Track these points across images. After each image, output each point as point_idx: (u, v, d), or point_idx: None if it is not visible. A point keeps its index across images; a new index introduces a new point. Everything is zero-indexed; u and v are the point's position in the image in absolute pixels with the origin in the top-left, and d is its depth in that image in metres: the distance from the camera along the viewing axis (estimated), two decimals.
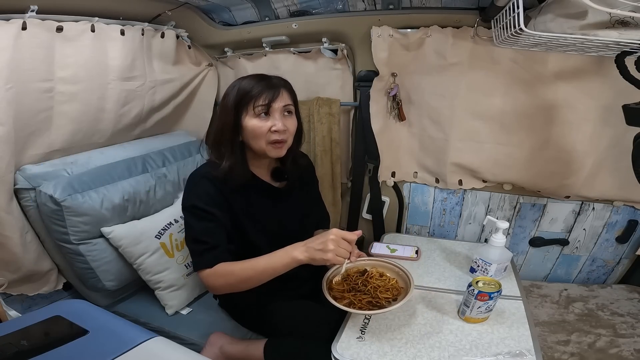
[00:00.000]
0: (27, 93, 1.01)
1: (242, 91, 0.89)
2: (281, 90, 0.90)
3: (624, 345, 1.08)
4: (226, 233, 0.94)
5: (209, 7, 1.40)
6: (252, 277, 0.89)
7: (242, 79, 0.92)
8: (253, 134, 0.90)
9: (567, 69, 1.11)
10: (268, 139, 0.90)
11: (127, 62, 1.23)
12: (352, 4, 1.26)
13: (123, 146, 1.35)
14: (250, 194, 0.98)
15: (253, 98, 0.88)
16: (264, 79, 0.91)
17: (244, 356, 1.03)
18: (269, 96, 0.88)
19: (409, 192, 1.51)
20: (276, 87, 0.90)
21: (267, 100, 0.88)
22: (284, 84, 0.93)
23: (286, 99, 0.92)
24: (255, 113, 0.88)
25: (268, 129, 0.89)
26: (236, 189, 0.94)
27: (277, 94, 0.89)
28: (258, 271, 0.88)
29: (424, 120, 1.35)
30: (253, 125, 0.89)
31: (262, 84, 0.89)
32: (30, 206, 1.09)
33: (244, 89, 0.89)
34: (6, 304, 1.13)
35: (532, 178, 1.29)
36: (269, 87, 0.89)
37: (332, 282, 0.94)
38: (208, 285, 0.92)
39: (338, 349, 0.82)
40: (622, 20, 0.74)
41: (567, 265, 1.43)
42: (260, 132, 0.89)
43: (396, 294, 0.90)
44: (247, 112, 0.89)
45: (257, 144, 0.91)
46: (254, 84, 0.89)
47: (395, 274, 0.96)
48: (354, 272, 0.97)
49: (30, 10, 0.96)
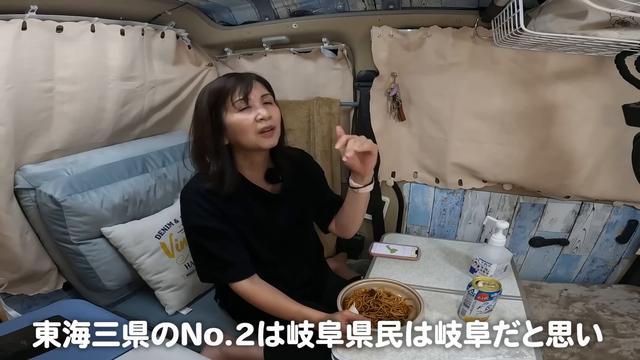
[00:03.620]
0: (27, 93, 1.01)
1: (214, 92, 0.87)
2: (254, 82, 0.88)
3: (624, 345, 1.08)
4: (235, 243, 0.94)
5: (209, 7, 1.40)
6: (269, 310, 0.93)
7: (209, 84, 0.90)
8: (240, 128, 0.86)
9: (567, 69, 1.11)
10: (256, 129, 0.86)
11: (127, 62, 1.23)
12: (352, 4, 1.26)
13: (123, 146, 1.35)
14: (245, 202, 0.96)
15: (229, 93, 0.85)
16: (232, 76, 0.89)
17: (244, 356, 1.03)
18: (243, 88, 0.86)
19: (409, 192, 1.51)
20: (248, 79, 0.88)
21: (243, 92, 0.86)
22: (255, 76, 0.91)
23: (261, 89, 0.90)
24: (236, 107, 0.86)
25: (253, 119, 0.86)
26: (230, 198, 0.91)
27: (250, 85, 0.87)
28: (275, 310, 0.92)
29: (424, 120, 1.35)
30: (237, 119, 0.86)
31: (232, 79, 0.87)
32: (30, 206, 1.09)
33: (216, 88, 0.87)
34: (6, 304, 1.13)
35: (532, 178, 1.29)
36: (240, 80, 0.87)
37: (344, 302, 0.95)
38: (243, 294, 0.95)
39: (338, 350, 0.82)
40: (622, 20, 0.74)
41: (567, 265, 1.43)
42: (246, 124, 0.86)
43: (406, 312, 0.92)
44: (227, 109, 0.86)
45: (246, 137, 0.87)
46: (224, 81, 0.88)
47: (401, 293, 0.98)
48: (362, 292, 0.98)
49: (30, 10, 0.96)
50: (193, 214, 0.91)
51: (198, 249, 0.95)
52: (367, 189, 0.94)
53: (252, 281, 0.94)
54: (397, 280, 1.01)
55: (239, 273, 0.94)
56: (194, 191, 0.91)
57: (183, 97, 1.52)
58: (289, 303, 0.92)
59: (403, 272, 1.13)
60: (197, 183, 0.92)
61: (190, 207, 0.92)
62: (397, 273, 1.13)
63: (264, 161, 0.99)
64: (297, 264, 1.08)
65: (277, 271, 1.03)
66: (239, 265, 0.93)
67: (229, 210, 0.92)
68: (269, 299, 0.93)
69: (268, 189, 1.01)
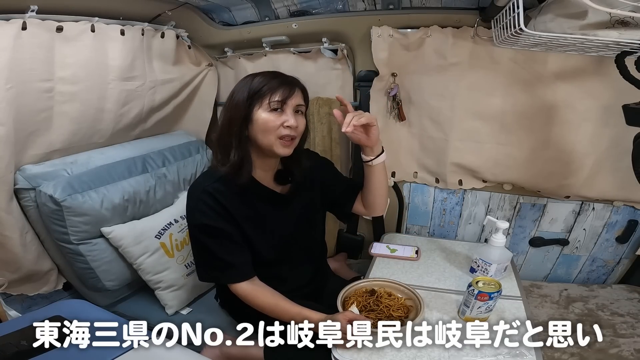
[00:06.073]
0: (27, 93, 1.01)
1: (257, 85, 0.88)
2: (296, 89, 0.90)
3: (624, 345, 1.08)
4: (238, 244, 0.94)
5: (209, 7, 1.40)
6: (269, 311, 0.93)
7: (254, 76, 0.91)
8: (264, 127, 0.87)
9: (567, 69, 1.11)
10: (278, 134, 0.88)
11: (127, 62, 1.23)
12: (352, 4, 1.26)
13: (123, 146, 1.35)
14: (252, 201, 0.96)
15: (269, 92, 0.87)
16: (278, 76, 0.90)
17: (243, 356, 1.03)
18: (285, 92, 0.87)
19: (409, 192, 1.51)
20: (292, 85, 0.89)
21: (284, 96, 0.87)
22: (299, 84, 0.92)
23: (300, 98, 0.91)
24: (270, 107, 0.87)
25: (280, 124, 0.87)
26: (238, 197, 0.92)
27: (293, 91, 0.88)
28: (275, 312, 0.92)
29: (424, 120, 1.35)
30: (265, 118, 0.87)
31: (277, 80, 0.89)
32: (30, 206, 1.09)
33: (260, 83, 0.88)
34: (6, 304, 1.13)
35: (532, 178, 1.29)
36: (285, 84, 0.88)
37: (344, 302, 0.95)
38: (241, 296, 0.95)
39: (338, 350, 0.82)
40: (622, 20, 0.74)
41: (567, 265, 1.43)
42: (272, 125, 0.87)
43: (407, 312, 0.92)
44: (261, 105, 0.87)
45: (266, 138, 0.88)
46: (270, 79, 0.88)
47: (401, 293, 0.98)
48: (362, 292, 0.99)
49: (30, 10, 0.96)
50: (198, 211, 0.91)
51: (200, 247, 0.94)
52: (380, 159, 0.99)
53: (252, 283, 0.94)
54: (397, 280, 1.01)
55: (239, 274, 0.93)
56: (202, 189, 0.91)
57: (183, 97, 1.52)
58: (288, 305, 0.92)
59: (403, 272, 1.13)
60: (206, 180, 0.92)
61: (196, 205, 0.91)
62: (397, 273, 1.13)
63: (275, 163, 1.00)
64: (299, 264, 1.08)
65: (279, 271, 1.03)
66: (240, 266, 0.93)
67: (236, 210, 0.92)
68: (269, 301, 0.93)
69: (277, 190, 1.01)
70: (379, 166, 1.00)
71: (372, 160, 0.99)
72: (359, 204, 1.11)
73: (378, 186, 1.04)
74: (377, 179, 1.02)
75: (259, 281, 0.96)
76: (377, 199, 1.06)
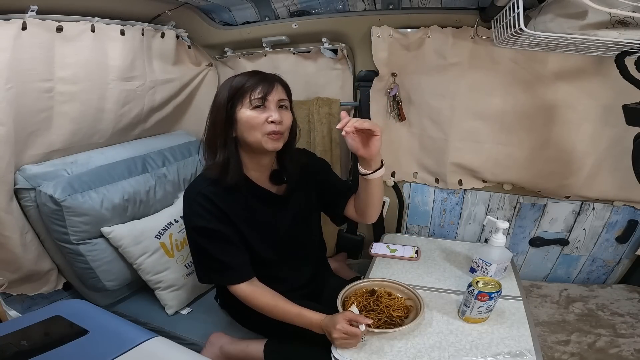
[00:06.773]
0: (27, 93, 1.01)
1: (236, 85, 0.88)
2: (276, 84, 0.90)
3: (624, 345, 1.08)
4: (236, 246, 0.94)
5: (209, 7, 1.40)
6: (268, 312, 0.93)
7: (235, 77, 0.91)
8: (248, 125, 0.87)
9: (567, 69, 1.11)
10: (264, 130, 0.87)
11: (127, 62, 1.23)
12: (352, 4, 1.26)
13: (123, 146, 1.35)
14: (248, 202, 0.96)
15: (249, 90, 0.87)
16: (257, 74, 0.90)
17: (243, 356, 1.03)
18: (264, 89, 0.87)
19: (409, 192, 1.51)
20: (271, 81, 0.89)
21: (263, 92, 0.87)
22: (279, 79, 0.92)
23: (281, 93, 0.91)
24: (251, 105, 0.87)
25: (264, 120, 0.87)
26: (234, 199, 0.92)
27: (272, 87, 0.88)
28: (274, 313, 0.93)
29: (424, 120, 1.35)
30: (248, 116, 0.87)
31: (256, 77, 0.89)
32: (30, 206, 1.09)
33: (239, 82, 0.88)
34: (6, 304, 1.13)
35: (532, 178, 1.29)
36: (263, 81, 0.88)
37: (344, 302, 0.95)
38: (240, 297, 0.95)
39: (338, 349, 0.82)
40: (622, 20, 0.74)
41: (567, 265, 1.43)
42: (256, 122, 0.87)
43: (407, 312, 0.92)
44: (242, 104, 0.87)
45: (253, 135, 0.88)
46: (248, 77, 0.89)
47: (401, 293, 0.99)
48: (362, 292, 0.99)
49: (30, 10, 0.96)
50: (195, 214, 0.91)
51: (198, 249, 0.95)
52: (377, 174, 0.92)
53: (251, 284, 0.94)
54: (397, 280, 1.01)
55: (238, 276, 0.94)
56: (197, 191, 0.91)
57: (183, 97, 1.52)
58: (288, 305, 0.92)
59: (403, 272, 1.13)
60: (201, 183, 0.92)
61: (192, 208, 0.92)
62: (397, 273, 1.13)
63: (270, 163, 0.99)
64: (298, 264, 1.08)
65: (278, 271, 1.03)
66: (238, 268, 0.93)
67: (232, 211, 0.92)
68: (268, 301, 0.93)
69: (273, 190, 1.00)
70: (375, 181, 0.94)
71: (368, 175, 0.92)
72: (351, 208, 1.07)
73: (371, 200, 0.99)
74: (371, 193, 0.97)
75: (258, 282, 0.96)
76: (369, 209, 1.02)
